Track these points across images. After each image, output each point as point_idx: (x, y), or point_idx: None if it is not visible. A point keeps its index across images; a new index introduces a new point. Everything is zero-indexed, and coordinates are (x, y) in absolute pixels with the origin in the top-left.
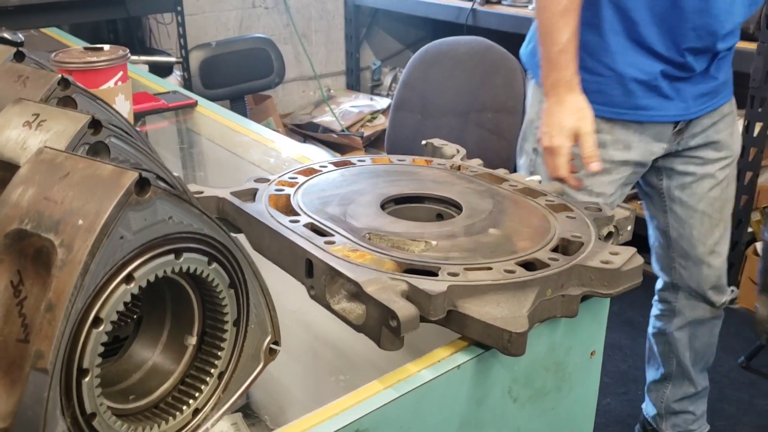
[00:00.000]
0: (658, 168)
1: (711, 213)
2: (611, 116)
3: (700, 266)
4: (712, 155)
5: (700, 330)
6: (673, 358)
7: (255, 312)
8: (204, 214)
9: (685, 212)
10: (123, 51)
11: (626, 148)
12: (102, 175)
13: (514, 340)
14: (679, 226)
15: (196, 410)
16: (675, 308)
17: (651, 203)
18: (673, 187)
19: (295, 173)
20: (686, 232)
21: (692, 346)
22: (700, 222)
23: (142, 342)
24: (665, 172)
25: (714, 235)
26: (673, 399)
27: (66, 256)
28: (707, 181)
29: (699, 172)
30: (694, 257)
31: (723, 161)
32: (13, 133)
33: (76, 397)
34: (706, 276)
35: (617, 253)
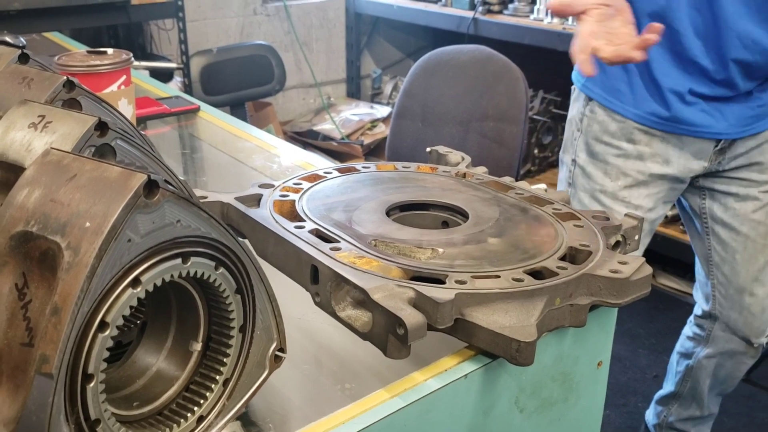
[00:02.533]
0: (700, 187)
1: (755, 237)
2: (647, 124)
3: (742, 294)
4: (756, 177)
5: (729, 362)
6: (689, 381)
7: (261, 318)
8: (212, 218)
9: (728, 234)
10: (126, 55)
11: (665, 162)
12: (110, 178)
13: (522, 349)
14: (722, 249)
15: (201, 417)
16: (709, 337)
17: (693, 227)
18: (716, 207)
19: (300, 179)
20: (729, 256)
21: (715, 374)
22: (743, 246)
23: (147, 348)
24: (707, 192)
25: (758, 261)
26: (677, 418)
27: (73, 258)
28: (750, 203)
29: (741, 192)
30: (736, 284)
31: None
32: (18, 135)
33: (81, 402)
34: (748, 305)
35: (626, 263)
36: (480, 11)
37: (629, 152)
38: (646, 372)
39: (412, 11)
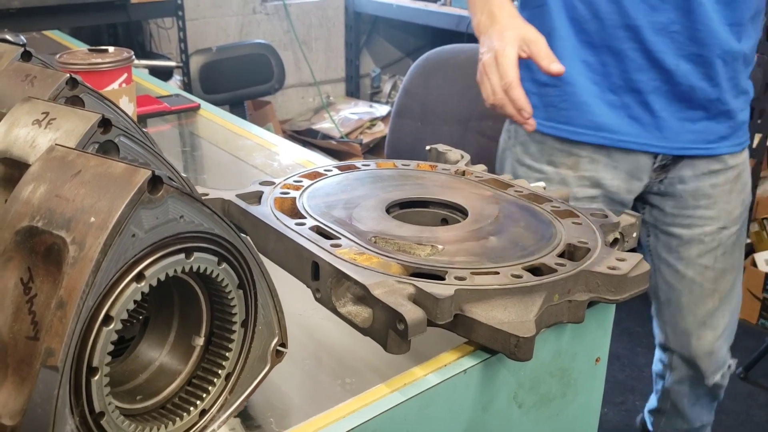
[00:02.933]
0: (644, 222)
1: (702, 282)
2: (568, 136)
3: (689, 337)
4: (703, 214)
5: (698, 389)
6: (668, 399)
7: (263, 313)
8: (215, 213)
9: (673, 276)
10: (128, 53)
11: (595, 185)
12: (114, 173)
13: (521, 344)
14: (668, 289)
15: (203, 411)
16: (672, 365)
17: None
18: (660, 247)
19: (300, 177)
20: (674, 298)
21: (691, 394)
22: (689, 289)
23: (149, 342)
24: (651, 229)
25: (706, 306)
26: (667, 429)
27: (78, 253)
28: (696, 247)
29: (685, 235)
30: (682, 326)
31: (715, 224)
32: (22, 132)
33: (85, 395)
34: (695, 348)
35: (624, 260)
36: None
37: (551, 177)
38: (644, 370)
39: (411, 10)
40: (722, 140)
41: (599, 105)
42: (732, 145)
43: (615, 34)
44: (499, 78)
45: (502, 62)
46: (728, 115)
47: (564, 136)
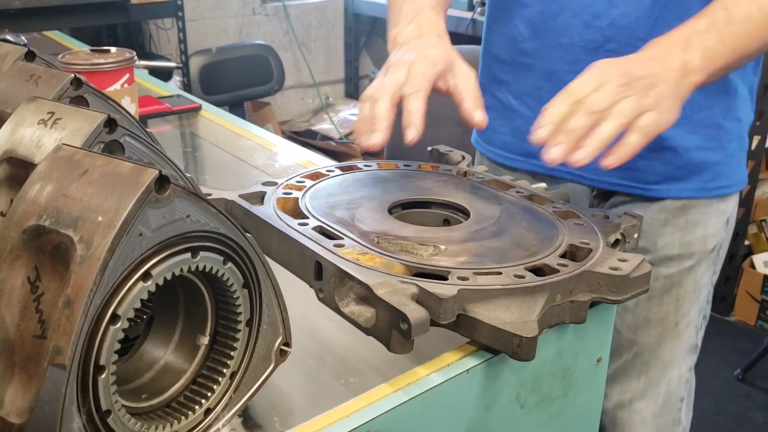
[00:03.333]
0: None
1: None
2: (504, 162)
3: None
4: None
5: None
6: None
7: (267, 312)
8: (221, 213)
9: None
10: (130, 53)
11: None
12: (121, 173)
13: (524, 344)
14: None
15: (208, 410)
16: None
17: None
18: None
19: (302, 177)
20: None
21: None
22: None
23: (154, 341)
24: None
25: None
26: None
27: (85, 252)
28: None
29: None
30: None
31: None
32: (27, 131)
33: (92, 394)
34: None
35: (626, 260)
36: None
37: None
38: None
39: None
40: (669, 181)
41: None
42: (686, 189)
43: (550, 53)
44: (403, 79)
45: (416, 70)
46: (674, 152)
47: (501, 162)
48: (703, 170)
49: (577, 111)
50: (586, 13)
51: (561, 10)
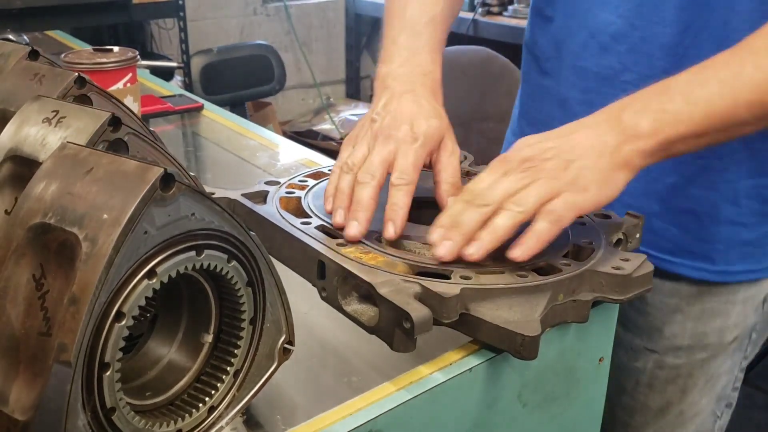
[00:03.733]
0: None
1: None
2: None
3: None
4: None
5: None
6: None
7: (271, 311)
8: (225, 211)
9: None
10: (132, 53)
11: None
12: (126, 171)
13: (526, 343)
14: None
15: (212, 408)
16: None
17: None
18: None
19: (305, 176)
20: None
21: None
22: None
23: (158, 339)
24: None
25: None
26: None
27: (90, 249)
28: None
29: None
30: None
31: (640, 340)
32: (32, 130)
33: (97, 391)
34: None
35: (628, 260)
36: (480, 13)
37: None
38: None
39: None
40: (685, 255)
41: None
42: (705, 270)
43: (566, 77)
44: (391, 158)
45: (406, 153)
46: (697, 219)
47: None
48: (731, 248)
49: (470, 206)
50: (604, 34)
51: (579, 27)
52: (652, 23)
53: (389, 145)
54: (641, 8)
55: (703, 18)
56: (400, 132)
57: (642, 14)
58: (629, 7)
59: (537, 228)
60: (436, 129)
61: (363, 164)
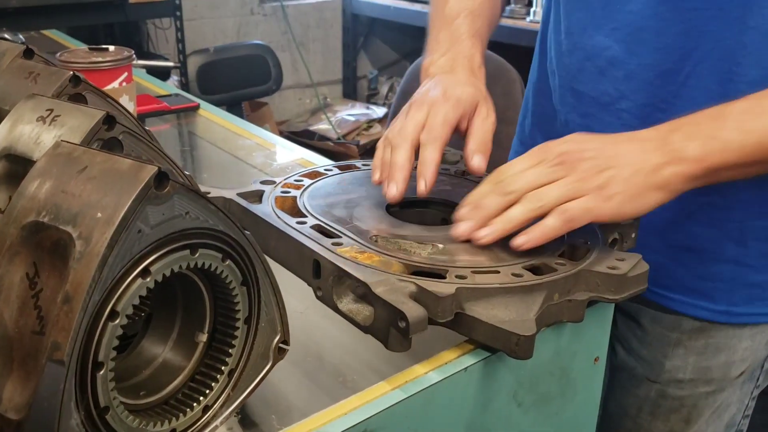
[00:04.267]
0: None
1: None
2: None
3: None
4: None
5: None
6: None
7: (266, 310)
8: (220, 210)
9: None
10: (128, 52)
11: None
12: (121, 169)
13: (522, 343)
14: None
15: (206, 407)
16: None
17: None
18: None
19: (301, 176)
20: None
21: None
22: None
23: (153, 338)
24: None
25: None
26: None
27: (84, 248)
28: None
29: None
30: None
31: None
32: (26, 128)
33: (90, 390)
34: None
35: (623, 259)
36: None
37: None
38: None
39: (408, 12)
40: (686, 293)
41: None
42: (708, 310)
43: (565, 98)
44: (423, 121)
45: (437, 113)
46: (699, 257)
47: None
48: (735, 289)
49: (495, 190)
50: (600, 58)
51: (574, 48)
52: (651, 49)
53: (422, 110)
54: (640, 33)
55: (706, 47)
56: (434, 96)
57: (641, 40)
58: (628, 32)
59: (546, 222)
60: (470, 95)
61: (408, 131)
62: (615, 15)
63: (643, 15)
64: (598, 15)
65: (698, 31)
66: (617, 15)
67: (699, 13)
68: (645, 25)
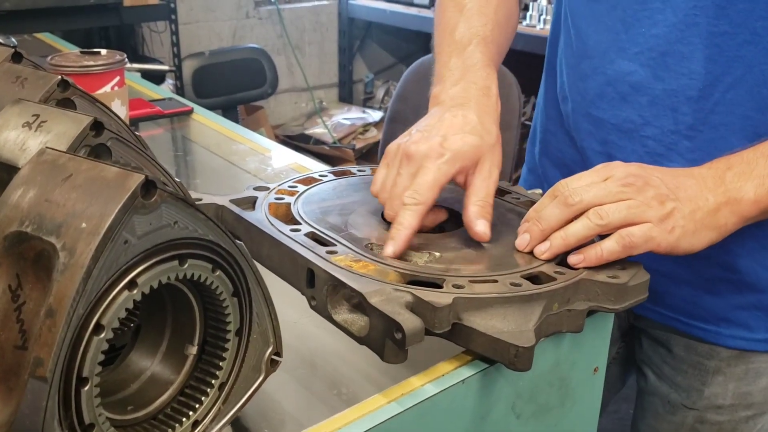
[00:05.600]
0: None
1: None
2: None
3: None
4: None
5: None
6: None
7: (257, 321)
8: (210, 219)
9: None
10: (120, 56)
11: None
12: (106, 177)
13: (520, 354)
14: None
15: (196, 422)
16: None
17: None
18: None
19: (295, 182)
20: None
21: None
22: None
23: (141, 351)
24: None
25: None
26: None
27: (68, 260)
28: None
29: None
30: None
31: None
32: (12, 134)
33: (75, 407)
34: None
35: (623, 268)
36: None
37: None
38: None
39: (405, 16)
40: (722, 323)
41: None
42: (745, 339)
43: (580, 124)
44: (410, 181)
45: (428, 171)
46: (734, 288)
47: None
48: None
49: (557, 201)
50: (623, 83)
51: (593, 72)
52: (677, 75)
53: (413, 164)
54: (666, 58)
55: (736, 73)
56: (427, 146)
57: (666, 64)
58: (652, 56)
59: (605, 246)
60: (472, 147)
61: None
62: (638, 39)
63: (668, 39)
64: (621, 38)
65: (728, 56)
66: (640, 39)
67: (729, 37)
68: (670, 49)
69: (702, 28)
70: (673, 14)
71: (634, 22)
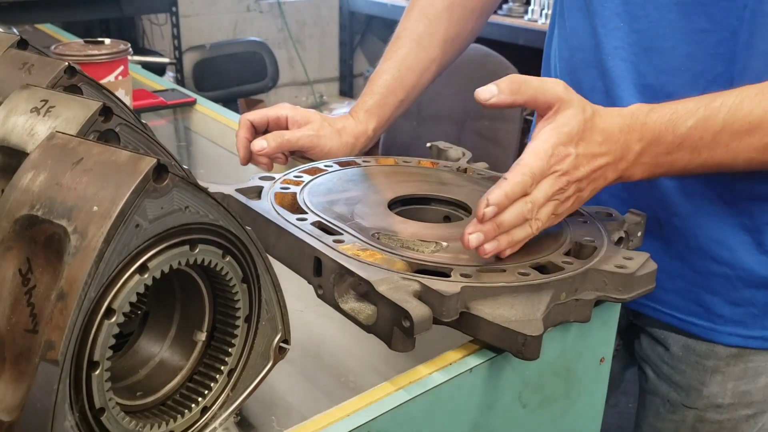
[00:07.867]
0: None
1: None
2: None
3: None
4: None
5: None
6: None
7: (266, 308)
8: (220, 205)
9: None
10: (124, 45)
11: None
12: (118, 161)
13: (528, 343)
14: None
15: (205, 408)
16: None
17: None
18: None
19: (300, 172)
20: None
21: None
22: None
23: (150, 337)
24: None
25: None
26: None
27: (79, 243)
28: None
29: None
30: None
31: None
32: (20, 119)
33: (85, 391)
34: None
35: (631, 258)
36: None
37: None
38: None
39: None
40: (717, 320)
41: None
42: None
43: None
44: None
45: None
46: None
47: None
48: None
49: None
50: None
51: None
52: (659, 71)
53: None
54: (648, 54)
55: (717, 69)
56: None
57: (649, 60)
58: (635, 51)
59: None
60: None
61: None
62: (621, 34)
63: (650, 35)
64: (607, 33)
65: (708, 53)
66: (623, 34)
67: (708, 34)
68: (653, 45)
69: (683, 24)
70: (655, 10)
71: (618, 17)
